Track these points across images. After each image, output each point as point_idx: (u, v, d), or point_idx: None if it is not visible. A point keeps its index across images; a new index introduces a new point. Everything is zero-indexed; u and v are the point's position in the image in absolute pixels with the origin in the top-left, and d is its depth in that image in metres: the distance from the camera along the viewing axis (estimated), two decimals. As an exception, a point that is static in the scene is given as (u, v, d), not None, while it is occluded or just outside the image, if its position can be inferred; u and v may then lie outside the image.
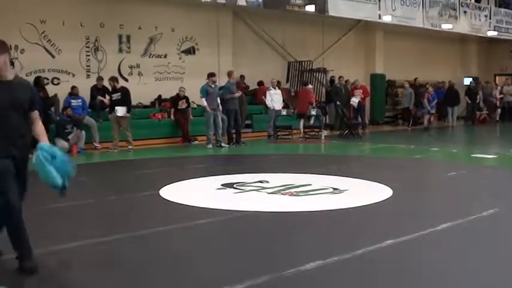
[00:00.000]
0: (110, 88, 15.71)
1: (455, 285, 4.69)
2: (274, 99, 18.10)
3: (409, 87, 22.72)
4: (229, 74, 16.49)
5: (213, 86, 15.55)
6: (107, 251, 5.68)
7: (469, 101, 25.70)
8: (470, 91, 25.86)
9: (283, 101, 18.97)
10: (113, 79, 15.35)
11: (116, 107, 14.77)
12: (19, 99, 4.87)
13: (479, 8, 26.24)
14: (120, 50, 17.29)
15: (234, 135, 16.19)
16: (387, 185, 8.95)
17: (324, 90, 21.98)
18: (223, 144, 15.61)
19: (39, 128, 5.14)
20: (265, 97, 18.32)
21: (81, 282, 4.77)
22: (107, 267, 5.18)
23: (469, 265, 5.15)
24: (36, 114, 5.10)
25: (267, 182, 9.39)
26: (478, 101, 25.76)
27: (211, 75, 15.62)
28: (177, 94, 16.90)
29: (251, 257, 5.44)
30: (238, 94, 16.51)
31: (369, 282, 4.73)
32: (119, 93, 14.94)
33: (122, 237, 6.10)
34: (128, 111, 15.02)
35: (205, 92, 15.36)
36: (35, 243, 5.83)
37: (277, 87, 18.46)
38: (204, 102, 15.33)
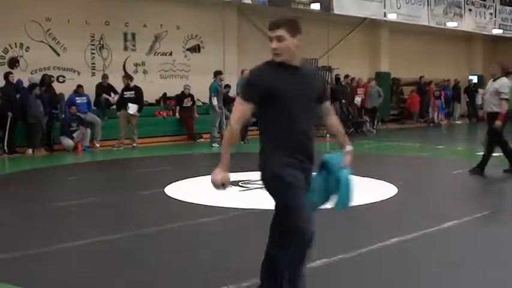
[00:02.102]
0: (114, 86, 15.77)
1: (460, 284, 4.68)
2: None
3: (375, 85, 21.04)
4: (243, 72, 16.59)
5: (220, 84, 15.51)
6: (112, 250, 5.69)
7: (467, 99, 25.71)
8: (469, 89, 25.83)
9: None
10: (128, 77, 15.41)
11: (129, 104, 14.79)
12: (310, 90, 3.76)
13: (485, 6, 26.18)
14: (125, 48, 17.29)
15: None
16: (392, 183, 8.93)
17: (329, 88, 21.93)
18: None
19: (337, 126, 4.03)
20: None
21: (86, 280, 4.77)
22: (112, 266, 5.18)
23: (475, 263, 5.14)
24: (329, 105, 4.01)
25: (272, 180, 9.36)
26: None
27: (218, 73, 15.56)
28: (182, 92, 16.91)
29: (256, 255, 5.43)
30: None
31: (374, 280, 4.72)
32: (132, 92, 14.98)
33: (126, 235, 6.11)
34: (140, 110, 15.05)
35: (215, 91, 15.21)
36: (39, 242, 5.86)
37: None
38: (215, 101, 15.18)
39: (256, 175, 10.35)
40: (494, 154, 9.96)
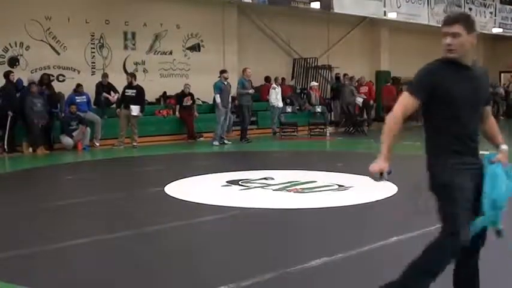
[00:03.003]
0: (114, 85, 15.76)
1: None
2: (278, 97, 18.19)
3: (349, 85, 20.16)
4: (244, 70, 16.59)
5: (225, 82, 15.52)
6: (112, 249, 5.68)
7: None
8: None
9: (288, 98, 19.13)
10: (132, 75, 15.44)
11: (132, 106, 14.76)
12: (481, 93, 3.59)
13: (485, 4, 26.18)
14: (125, 47, 17.30)
15: (241, 132, 16.20)
16: (392, 182, 8.92)
17: (329, 87, 21.95)
18: (226, 141, 15.62)
19: (495, 128, 3.78)
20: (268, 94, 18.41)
21: (86, 280, 4.77)
22: (112, 265, 5.17)
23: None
24: (490, 108, 3.80)
25: (272, 179, 9.38)
26: None
27: (223, 71, 15.59)
28: (182, 91, 16.90)
29: (256, 254, 5.43)
30: (251, 91, 16.57)
31: (374, 280, 4.70)
32: (134, 91, 14.97)
33: (126, 234, 6.11)
34: (142, 110, 15.06)
35: (218, 89, 15.23)
36: (38, 241, 5.86)
37: (278, 85, 18.56)
38: (218, 99, 15.22)
39: (255, 174, 10.32)
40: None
